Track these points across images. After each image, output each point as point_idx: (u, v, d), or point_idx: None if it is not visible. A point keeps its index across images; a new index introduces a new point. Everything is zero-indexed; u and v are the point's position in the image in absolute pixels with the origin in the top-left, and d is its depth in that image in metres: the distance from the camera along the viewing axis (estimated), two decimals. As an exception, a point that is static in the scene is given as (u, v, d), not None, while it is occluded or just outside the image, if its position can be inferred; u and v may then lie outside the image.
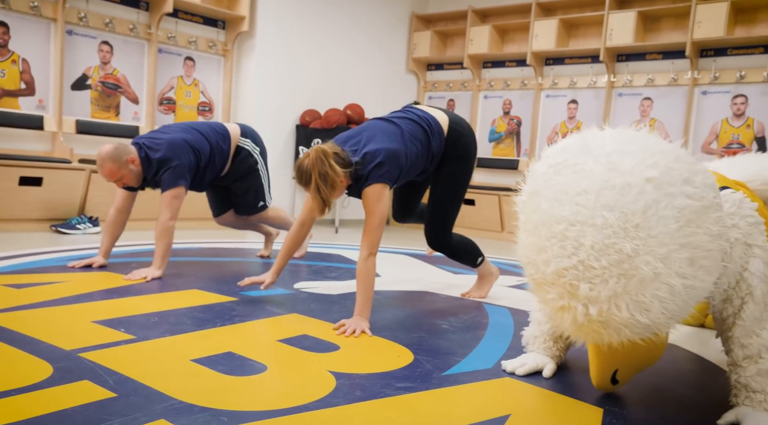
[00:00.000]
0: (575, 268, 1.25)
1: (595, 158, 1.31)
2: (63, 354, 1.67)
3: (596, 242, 1.23)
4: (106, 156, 2.80)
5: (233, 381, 1.57)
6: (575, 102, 6.09)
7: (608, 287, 1.23)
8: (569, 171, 1.32)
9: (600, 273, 1.23)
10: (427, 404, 1.51)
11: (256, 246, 4.21)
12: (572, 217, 1.26)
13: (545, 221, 1.31)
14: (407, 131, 2.36)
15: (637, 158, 1.27)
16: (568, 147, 1.39)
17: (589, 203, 1.25)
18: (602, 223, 1.23)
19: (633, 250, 1.21)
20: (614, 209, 1.23)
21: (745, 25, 5.20)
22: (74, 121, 4.68)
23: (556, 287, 1.31)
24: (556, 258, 1.28)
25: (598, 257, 1.23)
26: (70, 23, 4.61)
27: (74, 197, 4.36)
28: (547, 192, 1.33)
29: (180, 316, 2.18)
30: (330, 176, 2.16)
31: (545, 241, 1.31)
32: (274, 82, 5.73)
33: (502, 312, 2.62)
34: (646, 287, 1.22)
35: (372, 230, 2.22)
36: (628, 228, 1.21)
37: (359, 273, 2.22)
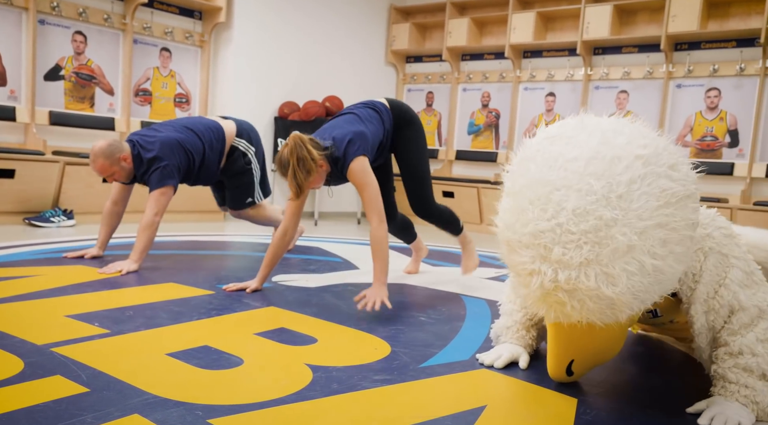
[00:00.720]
0: (552, 231, 1.28)
1: (590, 132, 1.35)
2: (34, 349, 1.65)
3: (578, 207, 1.25)
4: (99, 152, 2.84)
5: (209, 374, 1.57)
6: (553, 95, 6.13)
7: (581, 253, 1.25)
8: (563, 142, 1.36)
9: (576, 238, 1.26)
10: (404, 396, 1.52)
11: (236, 239, 4.19)
12: (559, 181, 1.29)
13: (530, 184, 1.33)
14: (363, 115, 2.58)
15: (629, 137, 1.32)
16: (565, 123, 1.44)
17: (578, 170, 1.28)
18: (587, 189, 1.26)
19: (612, 219, 1.24)
20: (601, 177, 1.26)
21: (718, 19, 5.28)
22: (47, 112, 4.60)
23: (529, 250, 1.32)
24: (535, 220, 1.30)
25: (577, 221, 1.25)
26: (42, 12, 4.51)
27: (48, 190, 4.29)
28: (538, 159, 1.36)
29: (156, 310, 2.16)
30: (307, 161, 2.28)
31: (527, 203, 1.33)
32: (251, 74, 5.68)
33: (480, 304, 2.64)
34: (617, 259, 1.25)
35: (371, 200, 2.36)
36: (611, 198, 1.24)
37: (373, 242, 2.34)
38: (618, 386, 1.73)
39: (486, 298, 2.76)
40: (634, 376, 1.84)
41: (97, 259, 3.01)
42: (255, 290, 2.54)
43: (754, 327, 1.48)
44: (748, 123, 5.16)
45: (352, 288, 2.77)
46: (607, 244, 1.24)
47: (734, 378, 1.48)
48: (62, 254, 3.04)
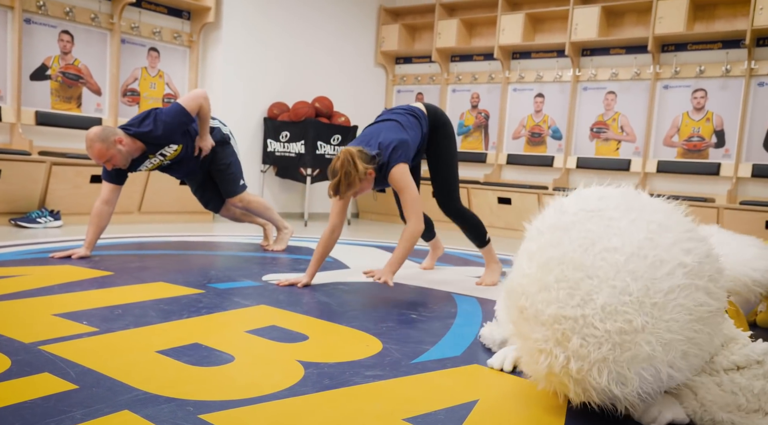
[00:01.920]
0: (575, 320, 1.22)
1: (634, 220, 1.27)
2: (22, 347, 1.62)
3: (609, 304, 1.19)
4: (94, 137, 2.83)
5: (200, 371, 1.55)
6: (542, 96, 6.16)
7: (600, 351, 1.20)
8: (603, 223, 1.28)
9: (599, 335, 1.20)
10: (396, 391, 1.51)
11: (224, 239, 4.17)
12: (593, 270, 1.22)
13: (561, 263, 1.26)
14: (405, 123, 2.73)
15: (676, 237, 1.24)
16: (606, 197, 1.35)
17: (617, 264, 1.21)
18: (623, 287, 1.19)
19: (641, 325, 1.18)
20: (640, 279, 1.19)
21: (704, 20, 5.33)
22: (34, 112, 4.55)
23: (546, 330, 1.27)
24: (559, 303, 1.24)
25: (603, 318, 1.19)
26: (28, 11, 4.47)
27: (34, 190, 4.25)
28: (573, 234, 1.29)
29: (145, 308, 2.14)
30: (351, 175, 2.46)
31: (554, 281, 1.26)
32: (241, 75, 5.66)
33: (471, 301, 2.64)
34: (634, 363, 1.20)
35: (411, 203, 2.56)
36: (646, 303, 1.18)
37: (406, 234, 2.54)
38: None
39: (477, 296, 2.76)
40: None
41: (84, 259, 2.98)
42: (306, 285, 2.69)
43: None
44: (734, 124, 5.22)
45: (342, 287, 2.77)
46: (628, 348, 1.19)
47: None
48: (49, 255, 3.01)
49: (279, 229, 3.82)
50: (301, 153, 5.64)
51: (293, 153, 5.69)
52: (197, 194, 3.64)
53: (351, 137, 5.96)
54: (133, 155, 2.98)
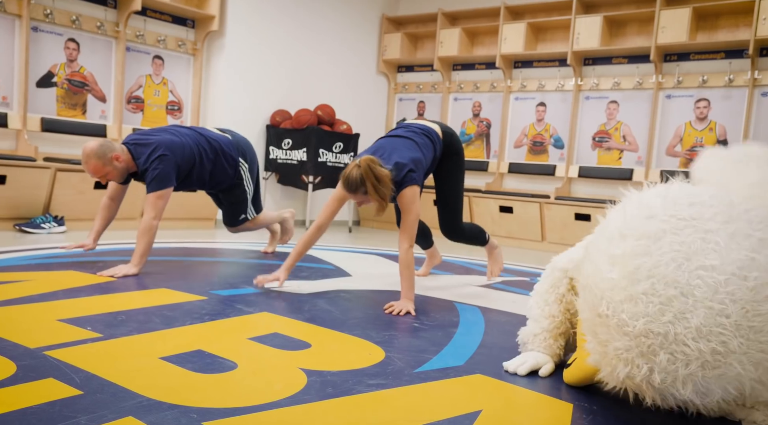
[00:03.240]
0: (665, 336, 1.18)
1: (732, 235, 1.21)
2: (27, 352, 1.63)
3: (704, 326, 1.16)
4: (90, 153, 2.83)
5: (203, 378, 1.56)
6: (543, 105, 6.18)
7: (688, 368, 1.18)
8: (698, 236, 1.21)
9: (689, 353, 1.17)
10: (399, 400, 1.52)
11: (227, 246, 4.18)
12: (688, 289, 1.18)
13: (651, 276, 1.21)
14: (420, 143, 2.74)
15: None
16: (699, 203, 1.26)
17: (714, 285, 1.16)
18: (720, 309, 1.16)
19: (738, 347, 1.15)
20: (738, 301, 1.16)
21: (707, 30, 5.35)
22: (39, 118, 4.58)
23: (630, 341, 1.23)
24: (649, 318, 1.20)
25: (697, 339, 1.16)
26: (35, 20, 4.50)
27: (39, 196, 4.26)
28: (665, 246, 1.23)
29: (148, 314, 2.15)
30: (383, 176, 2.48)
31: (642, 294, 1.22)
32: (244, 82, 5.69)
33: (473, 311, 2.64)
34: (722, 380, 1.18)
35: (409, 226, 2.58)
36: (743, 326, 1.15)
37: (402, 263, 2.56)
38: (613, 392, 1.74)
39: (479, 305, 2.76)
40: (627, 381, 1.85)
41: (92, 265, 3.01)
42: (284, 281, 2.74)
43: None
44: (737, 133, 5.23)
45: (344, 295, 2.77)
46: (718, 367, 1.16)
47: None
48: (59, 246, 3.06)
49: (281, 224, 3.87)
50: (303, 160, 5.66)
51: (295, 160, 5.71)
52: (214, 199, 3.68)
53: (353, 144, 5.98)
54: (129, 170, 2.99)
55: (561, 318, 1.82)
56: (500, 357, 1.94)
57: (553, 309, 1.83)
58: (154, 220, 2.91)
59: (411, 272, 2.56)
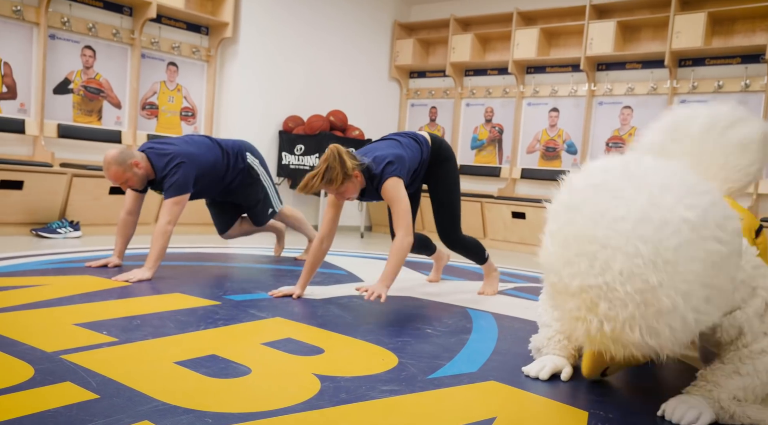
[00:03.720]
0: (599, 287, 1.32)
1: (637, 187, 1.35)
2: (44, 356, 1.65)
3: (624, 269, 1.29)
4: (111, 160, 2.90)
5: (217, 383, 1.57)
6: (556, 110, 6.16)
7: (627, 310, 1.30)
8: (609, 195, 1.36)
9: (622, 297, 1.30)
10: (413, 407, 1.52)
11: (239, 251, 4.20)
12: (605, 240, 1.32)
13: (577, 238, 1.37)
14: (404, 142, 2.73)
15: (677, 196, 1.32)
16: (609, 169, 1.43)
17: (625, 231, 1.30)
18: (634, 252, 1.28)
19: (658, 282, 1.27)
20: (648, 241, 1.28)
21: (723, 35, 5.31)
22: (56, 125, 4.63)
23: (576, 300, 1.37)
24: (582, 274, 1.34)
25: (623, 282, 1.29)
26: (53, 27, 4.57)
27: (55, 201, 4.31)
28: (584, 210, 1.38)
29: (163, 319, 2.16)
30: (334, 170, 2.41)
31: (574, 256, 1.36)
32: (257, 88, 5.73)
33: (486, 317, 2.64)
34: (661, 317, 1.29)
35: (401, 216, 2.50)
36: (658, 262, 1.27)
37: (394, 248, 2.47)
38: (630, 399, 1.73)
39: (492, 311, 2.75)
40: (646, 389, 1.83)
41: (116, 268, 3.08)
42: (299, 297, 2.71)
43: (763, 355, 1.51)
44: (752, 139, 5.17)
45: (357, 300, 2.77)
46: (652, 304, 1.28)
47: (711, 377, 1.54)
48: (84, 264, 3.09)
49: (310, 240, 3.91)
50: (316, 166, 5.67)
51: (308, 166, 5.73)
52: (210, 209, 3.71)
53: (366, 150, 5.99)
54: (149, 177, 3.04)
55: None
56: (514, 363, 1.93)
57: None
58: (168, 225, 2.94)
59: (398, 260, 2.45)
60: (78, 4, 4.70)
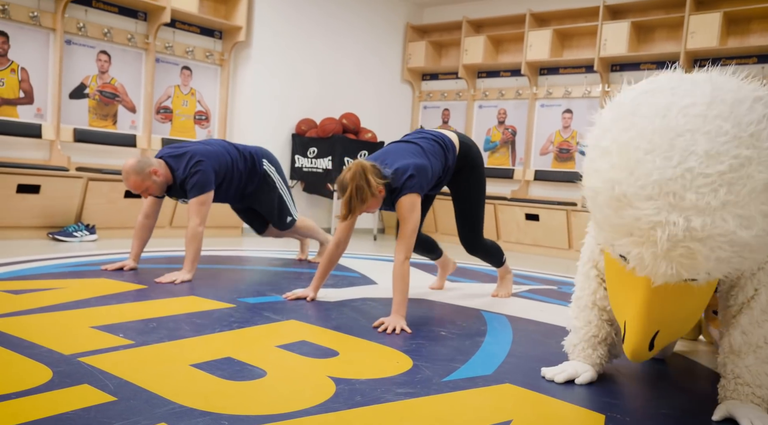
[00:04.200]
0: (683, 177, 1.21)
1: (694, 81, 1.31)
2: (62, 359, 1.67)
3: (711, 149, 1.20)
4: (130, 170, 2.94)
5: (233, 385, 1.57)
6: (570, 111, 6.13)
7: (718, 195, 1.19)
8: (668, 93, 1.29)
9: (711, 181, 1.19)
10: (428, 409, 1.51)
11: (253, 254, 4.21)
12: (680, 127, 1.23)
13: (644, 136, 1.26)
14: (428, 149, 2.59)
15: (737, 83, 1.31)
16: (655, 80, 1.37)
17: (701, 114, 1.23)
18: (717, 130, 1.21)
19: (748, 157, 1.20)
20: (728, 118, 1.22)
21: (739, 35, 5.26)
22: (72, 129, 4.68)
23: (653, 201, 1.24)
24: (660, 169, 1.22)
25: (711, 164, 1.20)
26: (69, 33, 4.62)
27: (71, 205, 4.36)
28: (644, 110, 1.29)
29: (178, 322, 2.18)
30: (364, 191, 2.36)
31: (643, 154, 1.25)
32: (270, 92, 5.75)
33: (501, 320, 2.62)
34: (754, 199, 1.20)
35: (407, 236, 2.42)
36: (743, 137, 1.21)
37: (396, 275, 2.40)
38: (646, 403, 1.71)
39: (507, 314, 2.74)
40: (663, 394, 1.82)
41: (121, 271, 3.09)
42: (313, 299, 2.69)
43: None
44: None
45: (370, 303, 2.77)
46: (744, 183, 1.19)
47: (749, 379, 1.49)
48: (101, 267, 3.12)
49: (322, 243, 3.92)
50: (329, 169, 5.69)
51: (320, 169, 5.75)
52: (240, 215, 3.75)
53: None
54: (168, 183, 3.08)
55: (597, 323, 1.81)
56: (529, 366, 1.92)
57: (589, 315, 1.82)
58: (199, 226, 3.01)
59: (404, 286, 2.38)
60: (93, 10, 4.75)
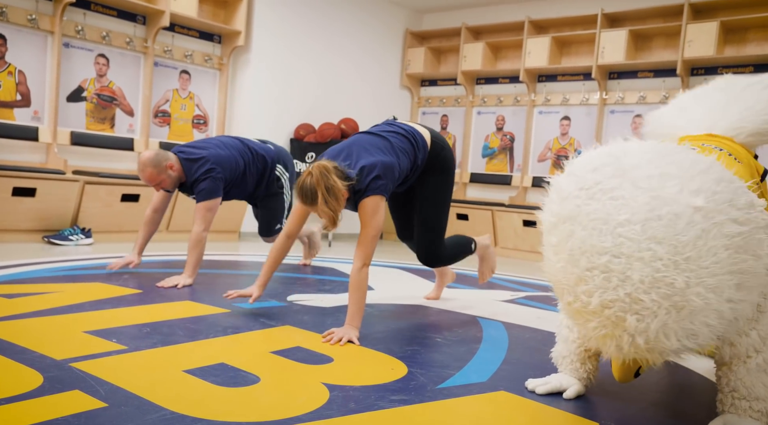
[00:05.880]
0: (622, 300, 1.21)
1: (633, 182, 1.25)
2: (53, 364, 1.65)
3: (645, 277, 1.19)
4: (147, 161, 2.95)
5: (226, 392, 1.56)
6: (568, 118, 6.14)
7: (657, 319, 1.20)
8: (605, 197, 1.25)
9: (649, 306, 1.20)
10: (422, 416, 1.51)
11: (250, 259, 4.20)
12: (615, 249, 1.21)
13: (584, 251, 1.25)
14: (396, 145, 2.38)
15: (679, 182, 1.22)
16: (598, 167, 1.31)
17: (635, 235, 1.20)
18: (651, 256, 1.18)
19: (685, 283, 1.17)
20: (663, 241, 1.18)
21: (735, 44, 5.28)
22: (69, 132, 4.67)
23: (598, 318, 1.26)
24: (600, 290, 1.23)
25: (647, 290, 1.19)
26: (67, 36, 4.62)
27: (67, 209, 4.34)
28: (582, 219, 1.27)
29: (172, 327, 2.16)
30: (335, 188, 2.16)
31: (585, 271, 1.25)
32: (268, 96, 5.75)
33: (496, 326, 2.62)
34: (695, 317, 1.20)
35: (367, 242, 2.26)
36: (679, 261, 1.18)
37: (352, 284, 2.24)
38: (641, 411, 1.70)
39: (503, 321, 2.73)
40: (658, 401, 1.81)
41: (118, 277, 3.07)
42: (257, 298, 2.48)
43: (756, 324, 1.44)
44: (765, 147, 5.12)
45: (366, 309, 2.76)
46: (683, 307, 1.19)
47: (745, 392, 1.46)
48: (107, 265, 3.14)
49: (308, 236, 3.92)
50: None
51: (319, 174, 5.73)
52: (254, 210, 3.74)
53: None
54: (181, 180, 3.09)
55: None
56: (524, 373, 1.91)
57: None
58: (204, 232, 3.02)
59: (361, 296, 2.23)
60: (92, 13, 4.76)
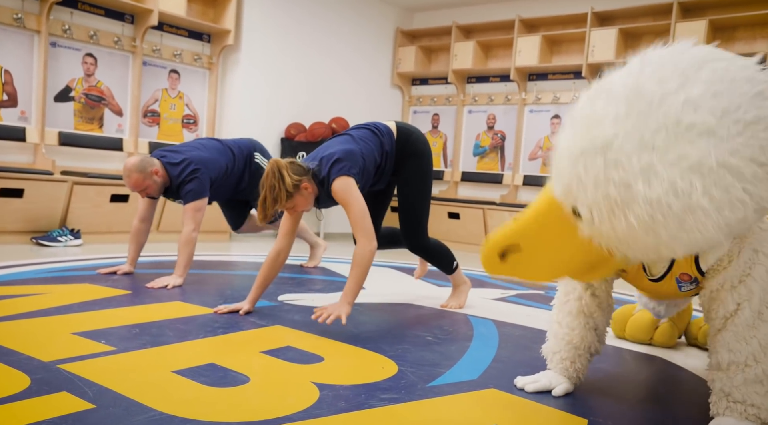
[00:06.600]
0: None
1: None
2: (41, 366, 1.64)
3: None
4: (132, 168, 2.95)
5: (216, 392, 1.55)
6: (558, 117, 6.16)
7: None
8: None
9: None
10: (412, 415, 1.50)
11: (240, 259, 4.19)
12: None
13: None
14: (357, 136, 2.50)
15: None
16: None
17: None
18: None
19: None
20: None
21: (724, 42, 5.31)
22: (57, 133, 4.64)
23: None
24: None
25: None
26: (54, 35, 4.58)
27: (56, 210, 4.31)
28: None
29: (162, 328, 2.15)
30: (276, 190, 2.21)
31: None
32: (259, 96, 5.74)
33: (487, 324, 2.62)
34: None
35: (358, 219, 2.29)
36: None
37: (356, 259, 2.26)
38: (630, 408, 1.71)
39: (494, 319, 2.74)
40: (647, 398, 1.81)
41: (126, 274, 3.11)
42: (247, 312, 2.46)
43: (756, 332, 1.43)
44: (755, 145, 5.16)
45: (357, 308, 2.76)
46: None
47: (740, 397, 1.45)
48: (96, 271, 3.12)
49: (312, 246, 3.93)
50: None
51: (310, 173, 5.72)
52: (221, 207, 3.72)
53: (367, 157, 5.98)
54: (166, 185, 3.09)
55: (581, 331, 1.73)
56: (515, 371, 1.91)
57: (572, 321, 1.74)
58: (193, 232, 3.02)
59: (360, 272, 2.23)
60: (79, 12, 4.72)
